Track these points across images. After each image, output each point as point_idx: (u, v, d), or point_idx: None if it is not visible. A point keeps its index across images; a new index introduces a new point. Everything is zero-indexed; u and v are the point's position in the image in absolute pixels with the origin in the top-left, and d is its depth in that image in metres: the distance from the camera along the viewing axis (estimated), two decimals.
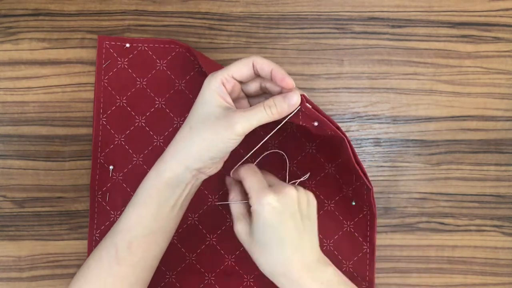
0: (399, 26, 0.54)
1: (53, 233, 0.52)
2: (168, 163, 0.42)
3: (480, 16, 0.54)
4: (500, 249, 0.53)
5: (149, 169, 0.51)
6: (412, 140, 0.53)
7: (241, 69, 0.42)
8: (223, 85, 0.42)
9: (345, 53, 0.54)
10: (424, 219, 0.53)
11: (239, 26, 0.54)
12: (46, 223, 0.52)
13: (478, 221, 0.53)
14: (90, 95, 0.53)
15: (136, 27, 0.53)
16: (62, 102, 0.53)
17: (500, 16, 0.54)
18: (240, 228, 0.44)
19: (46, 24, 0.53)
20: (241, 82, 0.44)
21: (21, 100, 0.52)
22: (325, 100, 0.53)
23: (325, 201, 0.52)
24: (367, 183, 0.47)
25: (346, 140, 0.44)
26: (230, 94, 0.42)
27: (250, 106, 0.47)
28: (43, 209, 0.52)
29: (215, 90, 0.41)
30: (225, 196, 0.52)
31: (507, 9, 0.54)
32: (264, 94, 0.46)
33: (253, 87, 0.45)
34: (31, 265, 0.52)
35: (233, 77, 0.42)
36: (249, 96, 0.46)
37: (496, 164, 0.54)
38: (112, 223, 0.51)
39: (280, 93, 0.44)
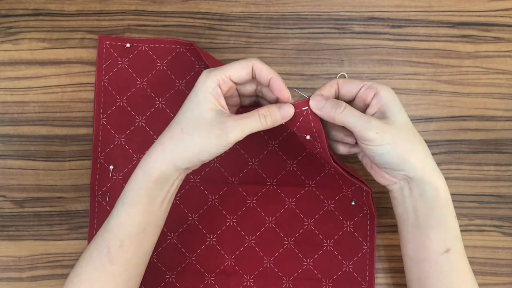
0: (399, 26, 0.54)
1: (53, 233, 0.52)
2: (158, 163, 0.41)
3: (480, 16, 0.54)
4: (500, 249, 0.53)
5: None
6: None
7: (239, 71, 0.41)
8: (219, 86, 0.41)
9: (345, 53, 0.54)
10: None
11: (239, 26, 0.54)
12: (46, 223, 0.52)
13: (478, 221, 0.53)
14: (90, 95, 0.53)
15: (136, 27, 0.53)
16: (62, 102, 0.53)
17: (500, 16, 0.54)
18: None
19: (46, 24, 0.53)
20: (236, 83, 0.43)
21: (21, 100, 0.52)
22: None
23: (325, 201, 0.52)
24: (365, 187, 0.47)
25: (331, 164, 0.45)
26: (224, 95, 0.42)
27: (241, 103, 0.46)
28: (43, 209, 0.52)
29: (210, 92, 0.40)
30: (225, 196, 0.52)
31: (507, 9, 0.54)
32: (257, 96, 0.46)
33: (249, 89, 0.44)
34: (31, 265, 0.52)
35: (230, 79, 0.41)
36: (242, 95, 0.45)
37: (496, 164, 0.54)
38: None
39: (276, 101, 0.43)
